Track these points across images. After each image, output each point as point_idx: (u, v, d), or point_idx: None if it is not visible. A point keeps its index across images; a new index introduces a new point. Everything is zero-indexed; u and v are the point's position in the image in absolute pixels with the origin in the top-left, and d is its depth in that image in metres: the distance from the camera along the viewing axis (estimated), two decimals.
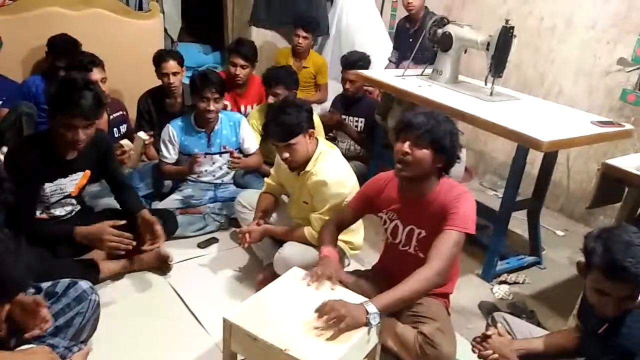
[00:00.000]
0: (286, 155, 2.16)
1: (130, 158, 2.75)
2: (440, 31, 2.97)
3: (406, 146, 1.71)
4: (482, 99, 2.74)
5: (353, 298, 1.66)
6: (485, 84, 2.84)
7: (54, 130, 2.06)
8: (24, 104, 2.96)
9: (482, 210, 2.06)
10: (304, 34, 3.93)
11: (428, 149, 1.70)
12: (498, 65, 2.66)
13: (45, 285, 1.77)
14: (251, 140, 2.99)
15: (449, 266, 1.69)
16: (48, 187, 2.15)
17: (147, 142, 2.98)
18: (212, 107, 2.75)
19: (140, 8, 3.97)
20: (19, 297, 1.43)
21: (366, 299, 1.61)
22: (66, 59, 2.95)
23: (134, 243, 2.14)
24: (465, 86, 2.98)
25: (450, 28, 2.94)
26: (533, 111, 2.70)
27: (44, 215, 2.23)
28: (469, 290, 2.51)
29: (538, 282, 2.68)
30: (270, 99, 2.98)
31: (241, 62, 3.31)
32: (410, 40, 3.50)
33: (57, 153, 2.11)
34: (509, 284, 2.62)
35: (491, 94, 2.78)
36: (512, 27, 2.61)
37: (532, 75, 3.61)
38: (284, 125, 2.10)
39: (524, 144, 2.38)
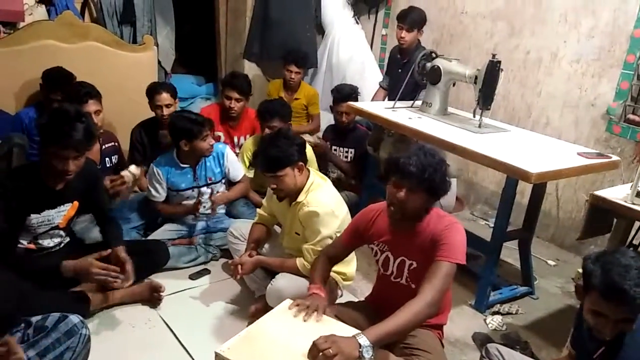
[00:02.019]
0: (273, 185, 2.20)
1: (127, 190, 2.75)
2: (429, 65, 3.04)
3: (401, 194, 1.72)
4: (471, 130, 2.79)
5: (345, 331, 1.64)
6: (474, 116, 2.90)
7: (44, 161, 2.07)
8: (16, 135, 2.95)
9: (473, 240, 2.08)
10: (296, 69, 4.00)
11: (422, 195, 1.73)
12: (486, 97, 2.72)
13: (35, 319, 1.74)
14: (237, 169, 3.01)
15: (441, 297, 1.69)
16: (35, 217, 2.14)
17: (137, 176, 2.94)
18: (212, 142, 2.81)
19: (135, 41, 4.03)
20: None
21: (358, 332, 1.60)
22: (61, 92, 2.97)
23: (121, 276, 2.13)
24: (455, 118, 3.04)
25: (438, 62, 3.01)
26: (521, 142, 2.75)
27: (32, 246, 2.21)
28: (462, 321, 2.50)
29: (531, 312, 2.68)
30: (267, 132, 3.01)
31: (236, 95, 3.36)
32: (399, 70, 3.58)
33: (45, 184, 2.11)
34: (502, 314, 2.62)
35: (480, 125, 2.83)
36: (499, 62, 2.68)
37: (520, 107, 3.69)
38: (270, 157, 2.14)
39: (513, 176, 2.42)
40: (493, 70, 2.68)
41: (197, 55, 5.23)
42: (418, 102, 3.19)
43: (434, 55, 3.09)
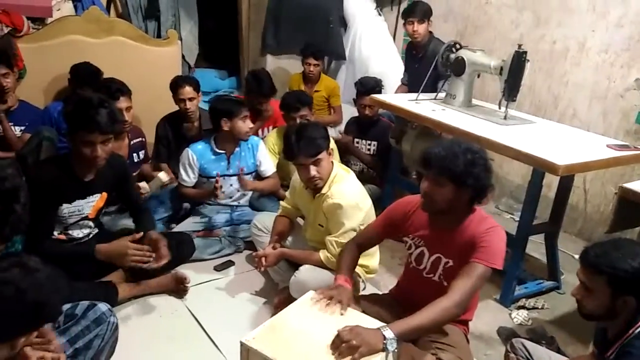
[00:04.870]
0: (314, 172, 2.17)
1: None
2: (453, 56, 3.01)
3: (426, 184, 1.70)
4: (496, 122, 2.75)
5: (370, 323, 1.64)
6: (499, 108, 2.86)
7: (73, 151, 2.13)
8: (45, 128, 3.02)
9: None
10: (315, 62, 4.02)
11: (449, 186, 1.67)
12: (511, 89, 2.68)
13: (65, 307, 1.78)
14: (268, 163, 3.03)
15: (470, 298, 1.67)
16: (66, 207, 2.19)
17: (166, 184, 2.99)
18: (251, 125, 2.87)
19: (159, 35, 4.08)
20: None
21: (383, 324, 1.60)
22: (89, 88, 3.02)
23: (154, 255, 2.18)
24: (479, 110, 3.00)
25: (462, 53, 2.98)
26: (548, 134, 2.71)
27: (62, 236, 2.27)
28: (487, 316, 2.48)
29: (557, 307, 2.64)
30: (298, 122, 3.03)
31: (263, 100, 3.44)
32: (416, 66, 3.55)
33: (75, 175, 2.17)
34: (528, 309, 2.58)
35: (505, 117, 2.79)
36: (525, 52, 2.63)
37: (546, 99, 3.62)
38: (311, 139, 2.13)
39: (540, 168, 2.38)
40: (519, 61, 2.64)
41: (220, 49, 5.26)
42: (441, 94, 3.16)
43: (458, 46, 3.05)
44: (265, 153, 3.04)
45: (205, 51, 5.10)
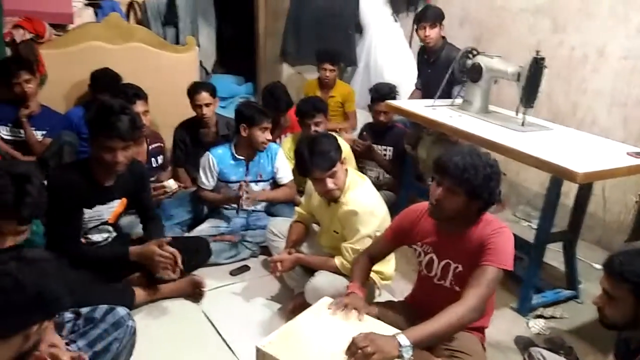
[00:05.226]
0: (331, 185, 2.16)
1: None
2: (469, 62, 2.99)
3: (439, 192, 1.70)
4: (513, 129, 2.73)
5: (385, 330, 1.64)
6: (517, 114, 2.83)
7: (93, 157, 2.16)
8: (65, 133, 3.09)
9: (516, 241, 2.03)
10: (331, 67, 4.04)
11: (462, 196, 1.67)
12: (529, 95, 2.66)
13: (84, 310, 1.81)
14: (285, 171, 3.04)
15: (484, 301, 1.66)
16: (87, 212, 2.23)
17: (174, 191, 2.99)
18: (269, 137, 2.87)
19: (177, 42, 4.13)
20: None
21: (398, 331, 1.59)
22: (108, 93, 3.08)
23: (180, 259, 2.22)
24: (496, 116, 2.98)
25: (479, 59, 2.96)
26: (566, 141, 2.68)
27: (82, 240, 2.30)
28: (504, 324, 2.45)
29: (576, 316, 2.60)
30: (313, 129, 3.04)
31: (280, 114, 3.49)
32: (429, 71, 3.54)
33: (95, 180, 2.20)
34: (546, 318, 2.55)
35: (523, 124, 2.77)
36: (543, 58, 2.61)
37: (564, 106, 3.58)
38: (324, 153, 2.13)
39: (558, 176, 2.35)
40: (537, 67, 2.61)
41: (236, 55, 5.31)
42: (458, 100, 3.14)
43: (474, 52, 3.04)
44: (283, 160, 3.05)
45: (222, 57, 5.14)
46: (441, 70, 3.13)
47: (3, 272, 1.17)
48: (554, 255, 2.97)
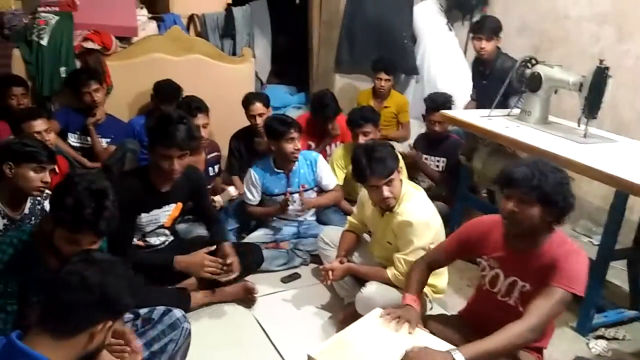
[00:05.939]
0: (387, 193, 2.14)
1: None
2: (528, 71, 2.92)
3: (511, 205, 1.64)
4: (575, 140, 2.63)
5: (439, 345, 1.62)
6: (578, 125, 2.72)
7: (152, 163, 2.25)
8: (128, 141, 3.23)
9: None
10: (386, 77, 4.01)
11: (536, 205, 1.61)
12: (592, 106, 2.56)
13: (142, 311, 1.88)
14: (329, 177, 3.06)
15: (546, 323, 1.60)
16: (144, 216, 2.33)
17: (234, 198, 3.15)
18: (299, 146, 2.86)
19: (234, 53, 4.25)
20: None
21: (453, 347, 1.56)
22: (170, 104, 3.21)
23: (225, 267, 2.28)
24: (556, 127, 2.88)
25: (539, 68, 2.88)
26: (632, 154, 2.55)
27: (141, 242, 2.40)
28: (563, 344, 2.36)
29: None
30: (361, 139, 3.04)
31: (328, 121, 3.49)
32: (484, 82, 3.47)
33: (153, 186, 2.29)
34: (607, 339, 2.43)
35: (585, 135, 2.66)
36: (607, 67, 2.51)
37: (630, 117, 3.42)
38: (382, 160, 2.11)
39: (623, 190, 2.25)
40: (600, 76, 2.51)
41: (290, 65, 5.39)
42: (515, 110, 3.07)
43: (533, 61, 2.96)
44: (325, 167, 3.06)
45: (276, 67, 5.24)
46: (496, 81, 3.06)
47: (70, 271, 1.23)
48: (617, 273, 2.83)
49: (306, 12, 4.76)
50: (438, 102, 3.43)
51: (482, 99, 3.44)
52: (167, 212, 2.39)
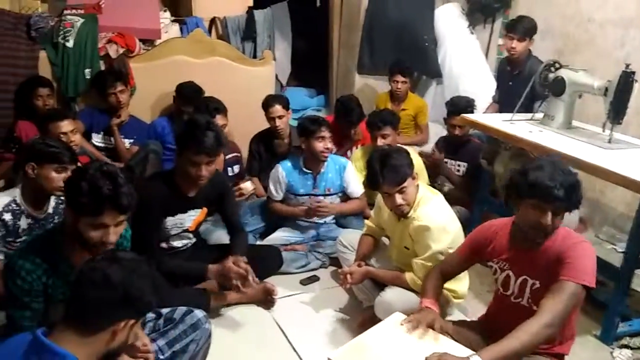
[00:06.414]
0: (400, 201, 2.14)
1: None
2: (552, 75, 2.88)
3: (549, 218, 1.63)
4: (599, 146, 2.59)
5: (458, 350, 1.61)
6: (603, 130, 2.68)
7: (178, 168, 2.27)
8: (151, 142, 3.28)
9: (600, 265, 1.92)
10: (402, 79, 4.00)
11: (562, 213, 1.65)
12: (618, 111, 2.52)
13: (164, 311, 1.90)
14: (356, 184, 3.06)
15: (561, 318, 1.58)
16: (169, 220, 2.35)
17: (250, 193, 3.19)
18: (329, 145, 2.88)
19: (255, 56, 4.28)
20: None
21: (472, 352, 1.55)
22: (191, 105, 3.25)
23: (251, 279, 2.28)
24: (580, 132, 2.84)
25: (563, 72, 2.84)
26: None
27: (164, 245, 2.43)
28: (586, 353, 2.32)
29: None
30: (380, 141, 3.04)
31: (352, 126, 3.51)
32: (510, 83, 3.43)
33: (179, 190, 2.31)
34: (632, 348, 2.38)
35: (610, 140, 2.62)
36: (633, 72, 2.47)
37: None
38: (395, 167, 2.11)
39: None
40: (626, 81, 2.47)
41: (309, 68, 5.41)
42: (539, 115, 3.03)
43: (557, 65, 2.92)
44: (353, 174, 3.06)
45: (296, 70, 5.26)
46: (523, 84, 3.02)
47: (94, 268, 1.25)
48: None
49: (326, 14, 4.77)
50: (459, 106, 3.41)
51: (506, 101, 3.40)
52: (192, 217, 2.42)
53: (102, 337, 1.25)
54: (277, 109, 3.29)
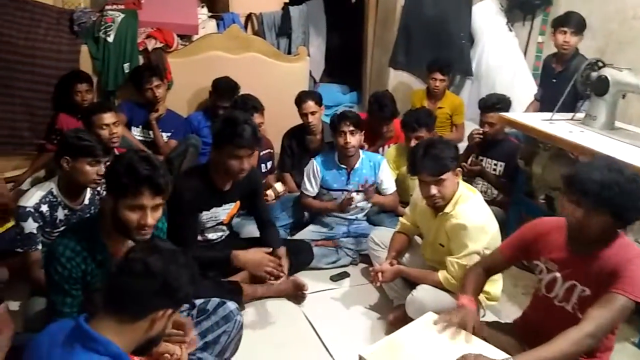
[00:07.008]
0: (434, 191, 2.12)
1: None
2: (594, 74, 2.79)
3: (579, 214, 1.57)
4: None
5: (493, 353, 1.58)
6: None
7: (215, 164, 2.31)
8: (192, 136, 3.33)
9: None
10: (441, 77, 3.94)
11: (607, 217, 1.55)
12: None
13: (198, 302, 1.93)
14: (389, 182, 3.04)
15: (606, 331, 1.54)
16: (205, 214, 2.40)
17: (281, 194, 3.23)
18: (349, 140, 2.84)
19: (290, 52, 4.30)
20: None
21: (508, 356, 1.52)
22: (227, 100, 3.28)
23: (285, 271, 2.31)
24: (623, 133, 2.75)
25: (606, 71, 2.75)
26: None
27: (200, 238, 2.47)
28: None
29: None
30: (413, 142, 3.01)
31: (385, 123, 3.47)
32: (554, 80, 3.33)
33: (215, 185, 2.35)
34: None
35: None
36: None
37: None
38: (436, 158, 2.09)
39: None
40: None
41: (343, 64, 5.39)
42: (580, 115, 2.94)
43: (600, 64, 2.83)
44: (387, 172, 3.05)
45: (329, 66, 5.25)
46: (567, 82, 2.93)
47: (135, 258, 1.28)
48: None
49: (362, 11, 4.74)
50: (489, 102, 3.33)
51: (549, 98, 3.31)
52: (227, 210, 2.46)
53: (141, 326, 1.27)
54: (310, 105, 3.29)
